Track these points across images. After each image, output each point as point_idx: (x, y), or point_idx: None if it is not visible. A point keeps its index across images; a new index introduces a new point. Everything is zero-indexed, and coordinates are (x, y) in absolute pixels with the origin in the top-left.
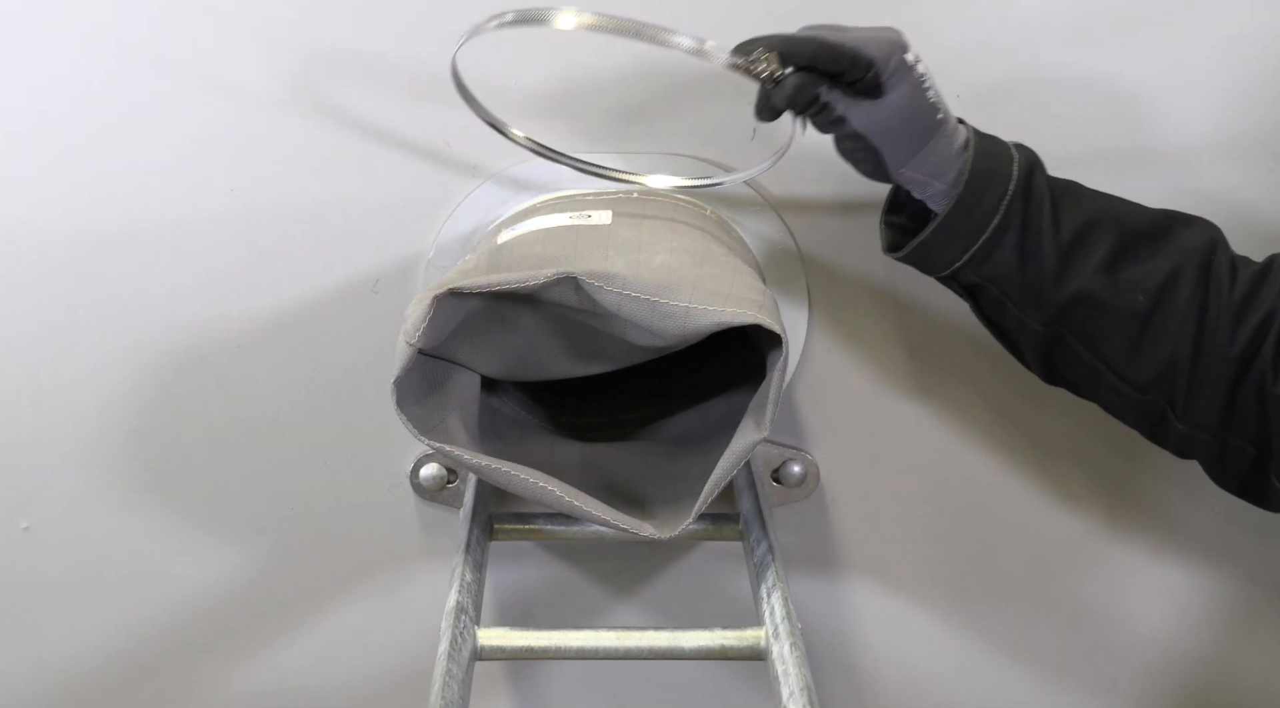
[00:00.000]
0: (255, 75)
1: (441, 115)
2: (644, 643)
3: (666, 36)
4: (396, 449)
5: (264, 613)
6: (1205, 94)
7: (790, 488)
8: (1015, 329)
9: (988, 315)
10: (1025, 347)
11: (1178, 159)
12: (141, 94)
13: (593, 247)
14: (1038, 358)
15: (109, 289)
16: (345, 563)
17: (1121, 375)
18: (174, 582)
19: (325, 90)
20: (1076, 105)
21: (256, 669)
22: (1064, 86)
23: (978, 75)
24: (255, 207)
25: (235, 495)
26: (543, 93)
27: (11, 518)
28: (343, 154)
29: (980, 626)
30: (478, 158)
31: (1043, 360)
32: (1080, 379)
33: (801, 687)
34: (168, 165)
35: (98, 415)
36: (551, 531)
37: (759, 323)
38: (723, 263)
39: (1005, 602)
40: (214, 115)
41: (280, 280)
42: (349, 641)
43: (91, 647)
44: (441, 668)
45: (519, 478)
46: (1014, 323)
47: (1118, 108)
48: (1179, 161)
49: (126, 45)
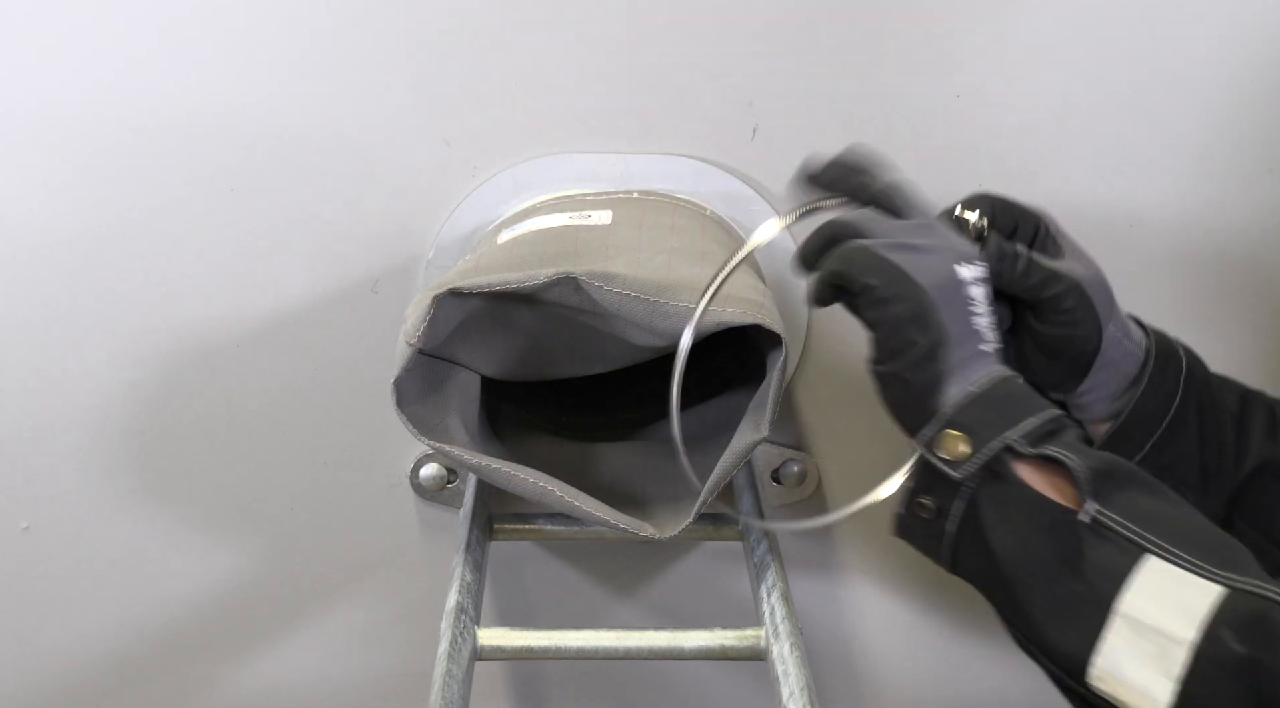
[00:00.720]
0: (255, 75)
1: (441, 115)
2: (644, 643)
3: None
4: (396, 449)
5: (264, 613)
6: (1205, 97)
7: (790, 488)
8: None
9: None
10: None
11: (1178, 163)
12: (141, 94)
13: (593, 247)
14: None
15: (109, 289)
16: (345, 563)
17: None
18: (174, 582)
19: (325, 90)
20: (1076, 109)
21: (257, 669)
22: (1064, 89)
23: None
24: (255, 207)
25: (235, 495)
26: (543, 92)
27: (11, 518)
28: (343, 154)
29: (980, 625)
30: (478, 158)
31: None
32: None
33: (801, 687)
34: (168, 165)
35: (97, 415)
36: (551, 530)
37: (759, 323)
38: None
39: None
40: (214, 115)
41: (280, 280)
42: (349, 641)
43: (91, 647)
44: (441, 668)
45: (519, 478)
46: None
47: (1118, 109)
48: (1179, 166)
49: (127, 45)
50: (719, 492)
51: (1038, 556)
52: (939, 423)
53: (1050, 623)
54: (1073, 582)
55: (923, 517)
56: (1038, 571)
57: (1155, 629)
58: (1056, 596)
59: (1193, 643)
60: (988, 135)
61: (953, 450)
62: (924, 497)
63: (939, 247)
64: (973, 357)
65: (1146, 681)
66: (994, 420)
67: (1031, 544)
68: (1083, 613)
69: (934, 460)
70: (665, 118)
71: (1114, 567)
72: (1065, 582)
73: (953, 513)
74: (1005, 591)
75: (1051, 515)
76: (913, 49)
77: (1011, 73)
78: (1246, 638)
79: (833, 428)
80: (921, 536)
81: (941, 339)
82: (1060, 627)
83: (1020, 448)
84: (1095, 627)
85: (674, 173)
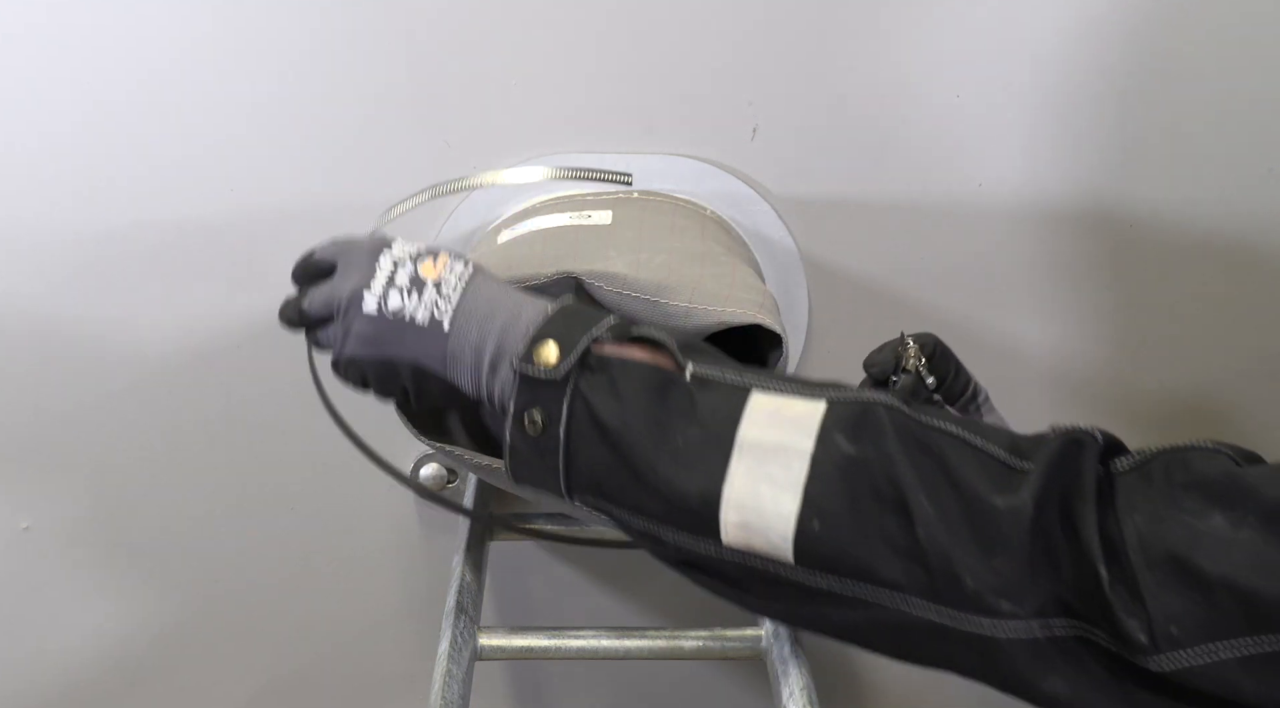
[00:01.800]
0: (255, 75)
1: (441, 115)
2: (644, 643)
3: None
4: (396, 449)
5: (263, 613)
6: (1203, 96)
7: None
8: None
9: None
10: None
11: (1175, 162)
12: (142, 94)
13: (593, 247)
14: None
15: (109, 289)
16: (345, 563)
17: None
18: (174, 582)
19: (325, 90)
20: (1073, 107)
21: (256, 669)
22: (1061, 88)
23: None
24: (255, 207)
25: (235, 495)
26: (543, 92)
27: (11, 518)
28: (343, 154)
29: None
30: (478, 158)
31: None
32: None
33: (801, 687)
34: (168, 165)
35: (97, 415)
36: (551, 531)
37: (759, 323)
38: (723, 263)
39: None
40: (214, 115)
41: (280, 280)
42: (349, 640)
43: (91, 647)
44: (441, 668)
45: None
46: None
47: (1117, 109)
48: (1177, 165)
49: (127, 46)
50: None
51: (653, 414)
52: (525, 341)
53: (677, 473)
54: (690, 428)
55: (532, 435)
56: (654, 428)
57: (776, 447)
58: (677, 446)
59: (810, 452)
60: (988, 135)
61: (546, 359)
62: (531, 410)
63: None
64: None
65: (773, 498)
66: (574, 326)
67: (644, 405)
68: (705, 454)
69: (531, 372)
70: (665, 118)
71: (725, 407)
72: (682, 431)
73: (562, 413)
74: (627, 463)
75: (658, 378)
76: (912, 49)
77: (1012, 72)
78: (855, 437)
79: None
80: (534, 460)
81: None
82: (687, 473)
83: (605, 339)
84: (721, 461)
85: (674, 173)
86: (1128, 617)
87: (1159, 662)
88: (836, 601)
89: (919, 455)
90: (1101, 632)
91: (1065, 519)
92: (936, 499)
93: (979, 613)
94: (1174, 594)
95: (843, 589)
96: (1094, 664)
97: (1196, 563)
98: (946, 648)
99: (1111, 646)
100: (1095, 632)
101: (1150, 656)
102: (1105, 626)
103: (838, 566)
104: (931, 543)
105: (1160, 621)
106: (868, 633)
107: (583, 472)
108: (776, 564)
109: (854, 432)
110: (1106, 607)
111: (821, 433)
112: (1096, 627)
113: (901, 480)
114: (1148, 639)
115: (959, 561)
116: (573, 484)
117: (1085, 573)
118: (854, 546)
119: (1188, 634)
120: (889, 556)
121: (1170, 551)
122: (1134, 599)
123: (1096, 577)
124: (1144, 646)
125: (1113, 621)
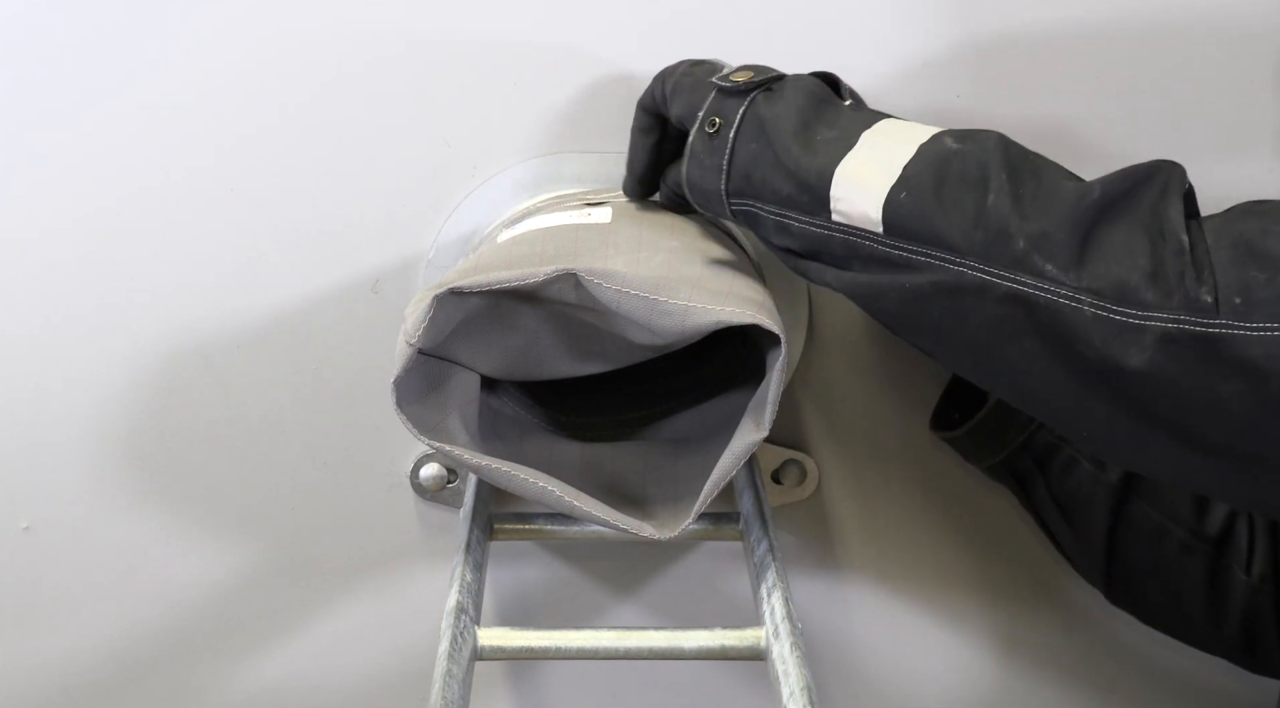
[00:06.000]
0: (255, 75)
1: (441, 115)
2: (644, 643)
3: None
4: (396, 449)
5: (263, 613)
6: (1203, 91)
7: (790, 488)
8: (1083, 510)
9: (1048, 501)
10: (1089, 534)
11: (1177, 157)
12: (142, 94)
13: (593, 245)
14: (1103, 552)
15: (109, 289)
16: (345, 563)
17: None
18: (174, 582)
19: (325, 89)
20: (1072, 105)
21: (257, 669)
22: (1060, 88)
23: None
24: (255, 206)
25: (235, 495)
26: (543, 92)
27: (11, 518)
28: (342, 154)
29: (980, 625)
30: (478, 158)
31: (1106, 555)
32: (1145, 559)
33: (801, 687)
34: (168, 165)
35: (98, 415)
36: (551, 531)
37: (758, 323)
38: (722, 262)
39: (1005, 602)
40: (214, 115)
41: (280, 280)
42: (349, 641)
43: (91, 647)
44: (441, 668)
45: (519, 478)
46: (1083, 499)
47: (1115, 107)
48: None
49: (127, 45)
50: (719, 492)
51: (804, 117)
52: (730, 69)
53: (805, 156)
54: (829, 132)
55: (709, 132)
56: (800, 127)
57: (891, 142)
58: (815, 142)
59: (919, 144)
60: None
61: (740, 77)
62: (714, 116)
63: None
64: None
65: (874, 174)
66: (770, 69)
67: (799, 107)
68: (832, 147)
69: (725, 84)
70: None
71: (861, 119)
72: (822, 133)
73: (737, 117)
74: (771, 150)
75: (820, 94)
76: (912, 48)
77: (1013, 72)
78: (961, 139)
79: (833, 428)
80: (706, 157)
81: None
82: (812, 157)
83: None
84: (842, 150)
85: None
86: (1197, 285)
87: (1219, 328)
88: (910, 267)
89: (1016, 158)
90: (1161, 299)
91: (1139, 204)
92: (1016, 179)
93: (1028, 274)
94: (1241, 270)
95: (915, 257)
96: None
97: (1266, 246)
98: (997, 310)
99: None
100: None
101: (1213, 318)
102: (1165, 294)
103: (916, 234)
104: (996, 210)
105: (1226, 290)
106: (931, 297)
107: (739, 166)
108: (871, 236)
109: (963, 136)
110: (1179, 275)
111: (935, 136)
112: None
113: (989, 166)
114: (1213, 301)
115: (1014, 225)
116: (731, 176)
117: (1154, 248)
118: (931, 216)
119: (1251, 309)
120: (958, 221)
121: (1242, 235)
122: (1201, 270)
123: (1168, 249)
124: (1209, 307)
125: (1184, 290)
